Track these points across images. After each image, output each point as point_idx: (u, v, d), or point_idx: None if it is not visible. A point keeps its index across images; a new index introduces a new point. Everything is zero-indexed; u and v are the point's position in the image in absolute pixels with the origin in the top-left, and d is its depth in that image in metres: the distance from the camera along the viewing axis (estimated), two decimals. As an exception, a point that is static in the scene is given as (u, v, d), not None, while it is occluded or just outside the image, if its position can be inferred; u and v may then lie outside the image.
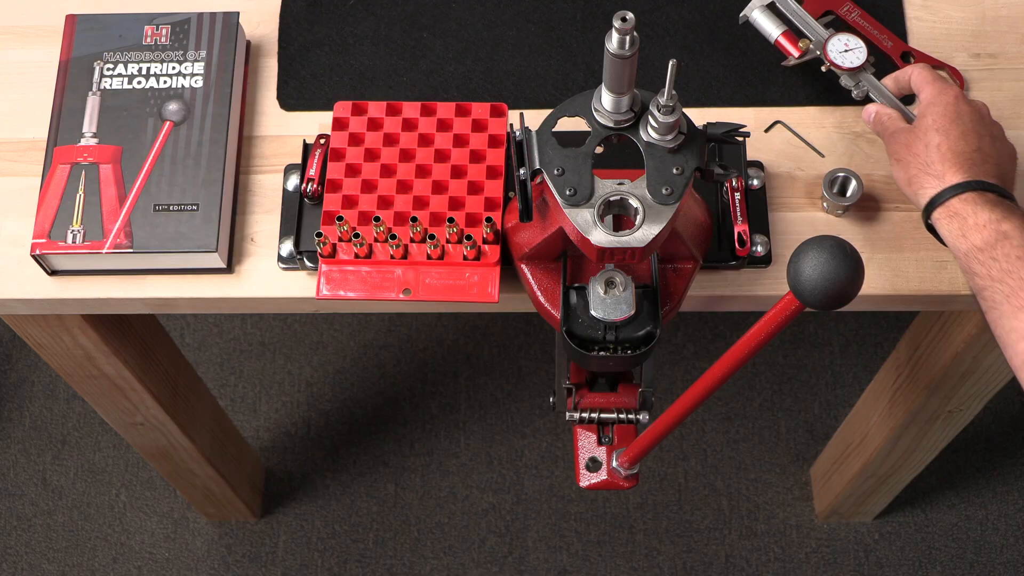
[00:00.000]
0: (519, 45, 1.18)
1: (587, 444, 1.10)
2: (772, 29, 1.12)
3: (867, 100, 1.10)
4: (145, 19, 1.14)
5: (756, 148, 1.12)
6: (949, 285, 1.06)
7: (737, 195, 1.07)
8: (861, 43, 1.10)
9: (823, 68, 1.11)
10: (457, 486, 2.00)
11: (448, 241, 1.02)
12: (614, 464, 1.09)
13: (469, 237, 1.01)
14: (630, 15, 0.82)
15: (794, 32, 1.12)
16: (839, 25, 1.16)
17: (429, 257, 1.02)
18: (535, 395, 2.06)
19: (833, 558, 1.95)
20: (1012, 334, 0.89)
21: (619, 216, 0.94)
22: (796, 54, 1.11)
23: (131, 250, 1.05)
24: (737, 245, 1.05)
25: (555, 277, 1.01)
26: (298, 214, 1.08)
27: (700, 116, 1.12)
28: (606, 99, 0.90)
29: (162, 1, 1.18)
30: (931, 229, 0.98)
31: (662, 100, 0.88)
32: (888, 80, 1.09)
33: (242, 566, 1.95)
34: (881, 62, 1.15)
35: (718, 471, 2.01)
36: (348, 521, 1.98)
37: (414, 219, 1.01)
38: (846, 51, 1.09)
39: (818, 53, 1.11)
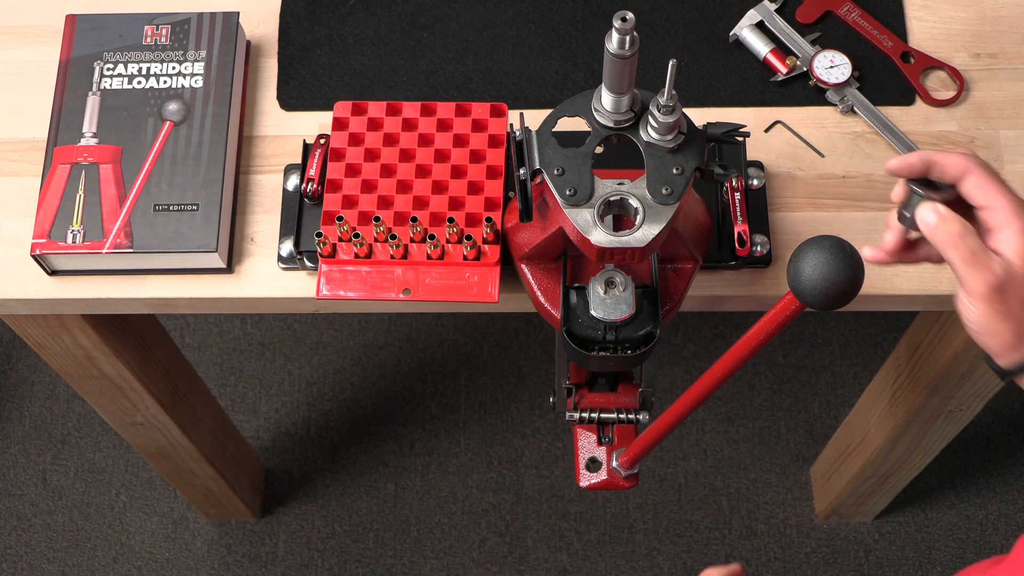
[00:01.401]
0: (519, 45, 1.18)
1: (587, 444, 1.10)
2: (760, 47, 1.16)
3: (851, 113, 1.13)
4: (145, 19, 1.14)
5: (756, 148, 1.12)
6: (949, 285, 1.06)
7: (737, 195, 1.07)
8: (846, 59, 1.14)
9: (810, 83, 1.14)
10: (457, 486, 2.00)
11: (448, 241, 1.02)
12: (614, 464, 1.09)
13: (469, 237, 1.01)
14: (630, 15, 0.82)
15: (782, 49, 1.16)
16: (838, 25, 1.17)
17: (429, 257, 1.02)
18: (535, 395, 2.06)
19: (833, 558, 1.95)
20: None
21: (619, 216, 0.94)
22: (784, 71, 1.14)
23: (131, 250, 1.05)
24: (737, 245, 1.05)
25: (555, 277, 1.01)
26: (298, 214, 1.08)
27: (700, 116, 1.12)
28: (606, 99, 0.90)
29: (162, 1, 1.18)
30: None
31: (662, 100, 0.88)
32: (919, 157, 0.82)
33: (242, 566, 1.95)
34: (881, 62, 1.15)
35: (718, 471, 2.01)
36: (348, 521, 1.98)
37: (414, 219, 1.01)
38: (831, 67, 1.14)
39: (805, 69, 1.14)
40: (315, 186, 1.07)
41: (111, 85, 1.12)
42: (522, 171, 0.92)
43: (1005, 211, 0.78)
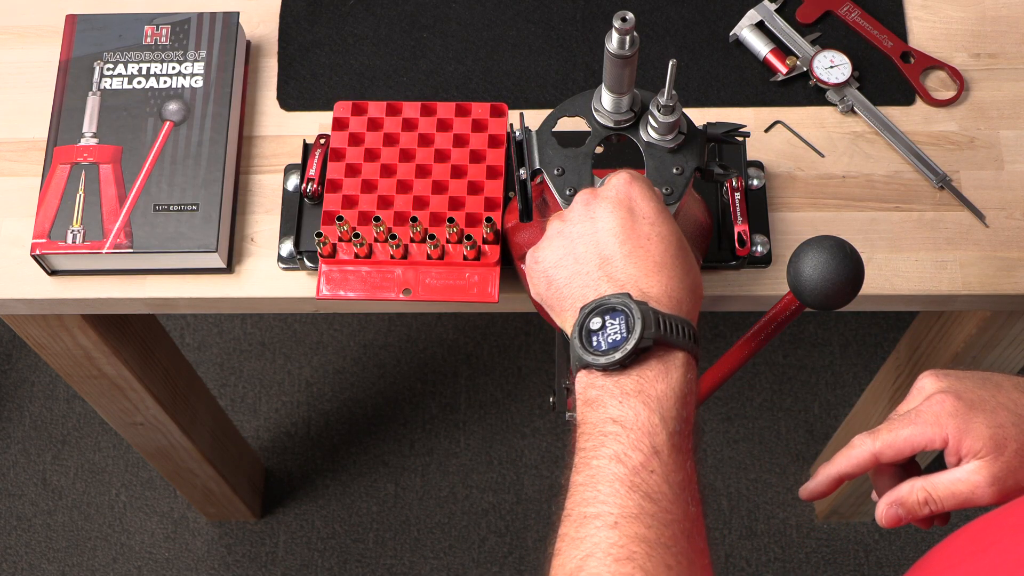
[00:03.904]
0: (519, 45, 1.18)
1: (587, 444, 1.10)
2: (760, 47, 1.16)
3: (851, 113, 1.13)
4: (145, 19, 1.14)
5: (756, 148, 1.12)
6: (949, 285, 1.06)
7: (737, 195, 1.07)
8: (846, 59, 1.13)
9: (810, 83, 1.14)
10: (457, 486, 2.00)
11: (448, 241, 1.02)
12: (614, 464, 1.09)
13: (469, 237, 1.01)
14: (630, 15, 0.82)
15: (782, 49, 1.16)
16: (838, 25, 1.17)
17: (429, 257, 1.02)
18: (535, 395, 2.06)
19: (833, 558, 1.95)
20: None
21: (619, 216, 0.94)
22: (784, 71, 1.14)
23: (131, 250, 1.05)
24: (737, 245, 1.05)
25: (555, 277, 1.00)
26: (298, 214, 1.08)
27: (700, 116, 1.12)
28: (606, 99, 0.90)
29: (162, 1, 1.18)
30: None
31: (662, 100, 0.88)
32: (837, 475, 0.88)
33: (242, 566, 1.95)
34: (881, 62, 1.15)
35: (718, 471, 2.01)
36: (348, 521, 1.98)
37: (414, 219, 1.01)
38: (832, 67, 1.14)
39: (805, 69, 1.14)
40: (315, 186, 1.07)
41: (111, 85, 1.12)
42: (522, 171, 0.92)
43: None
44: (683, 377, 0.73)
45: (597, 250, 0.77)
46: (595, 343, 0.73)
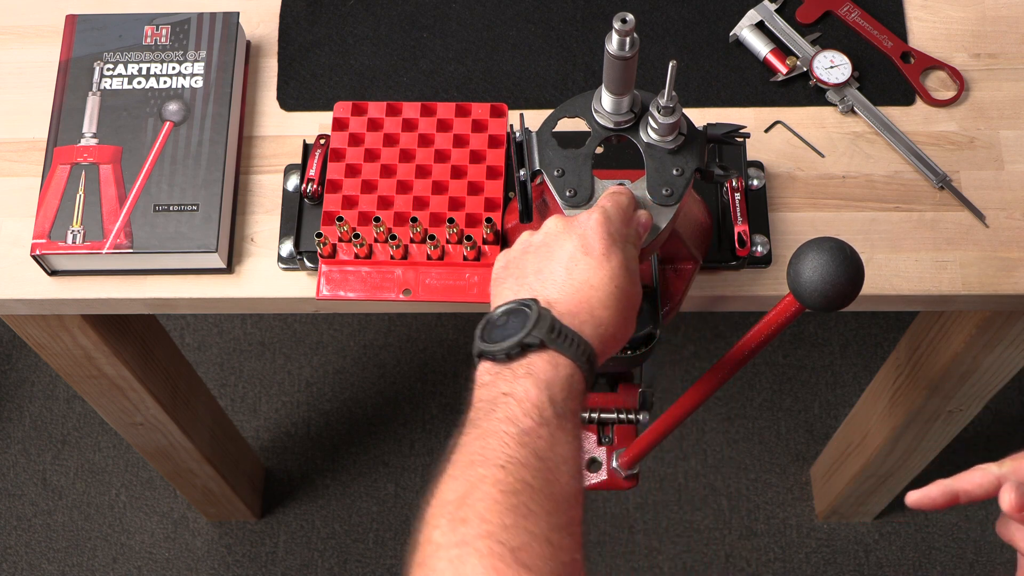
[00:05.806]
0: (519, 45, 1.18)
1: (587, 444, 1.10)
2: (760, 47, 1.16)
3: (851, 113, 1.13)
4: (145, 19, 1.14)
5: (756, 148, 1.12)
6: (949, 285, 1.06)
7: (737, 195, 1.07)
8: (846, 59, 1.14)
9: (810, 83, 1.14)
10: (457, 486, 2.00)
11: (448, 241, 1.02)
12: (614, 464, 1.09)
13: (469, 237, 1.01)
14: (630, 16, 0.82)
15: (782, 50, 1.16)
16: (838, 25, 1.17)
17: (429, 257, 1.02)
18: (535, 395, 2.05)
19: (833, 558, 1.95)
20: None
21: (619, 216, 0.94)
22: (784, 71, 1.14)
23: (131, 250, 1.05)
24: (737, 245, 1.05)
25: (555, 277, 1.00)
26: (298, 214, 1.08)
27: (700, 116, 1.12)
28: (606, 100, 0.90)
29: (162, 1, 1.18)
30: None
31: (662, 101, 0.88)
32: (939, 490, 0.86)
33: (242, 566, 1.95)
34: (881, 62, 1.15)
35: (718, 471, 2.01)
36: (348, 521, 1.98)
37: (414, 219, 1.01)
38: (832, 67, 1.14)
39: (805, 69, 1.14)
40: (315, 186, 1.07)
41: (111, 85, 1.12)
42: (522, 172, 0.92)
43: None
44: (569, 378, 0.77)
45: (533, 262, 0.83)
46: (494, 335, 0.78)
